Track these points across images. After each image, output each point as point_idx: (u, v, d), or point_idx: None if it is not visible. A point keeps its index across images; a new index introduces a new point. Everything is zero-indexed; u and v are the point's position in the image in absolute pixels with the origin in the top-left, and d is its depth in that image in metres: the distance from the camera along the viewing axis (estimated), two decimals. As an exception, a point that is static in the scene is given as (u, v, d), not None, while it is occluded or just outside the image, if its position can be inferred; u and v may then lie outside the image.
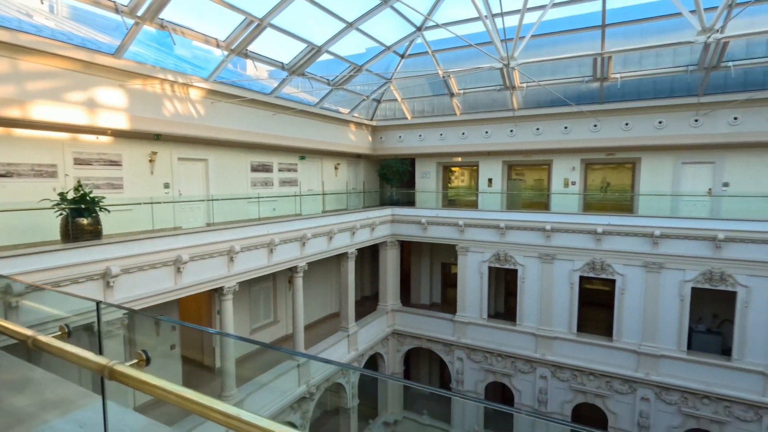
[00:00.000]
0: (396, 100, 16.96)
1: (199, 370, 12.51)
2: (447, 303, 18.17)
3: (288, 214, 13.28)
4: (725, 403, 11.87)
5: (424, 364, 18.82)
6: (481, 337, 15.26)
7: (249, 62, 11.72)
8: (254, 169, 13.37)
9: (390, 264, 16.68)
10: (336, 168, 17.28)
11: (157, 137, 9.87)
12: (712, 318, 13.27)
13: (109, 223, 8.03)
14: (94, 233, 7.26)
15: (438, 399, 18.17)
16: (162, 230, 9.31)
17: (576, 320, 13.83)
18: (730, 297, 12.00)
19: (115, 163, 9.39)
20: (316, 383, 12.51)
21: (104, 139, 9.25)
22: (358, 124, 17.13)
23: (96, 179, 9.00)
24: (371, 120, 17.82)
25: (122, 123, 8.65)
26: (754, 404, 11.54)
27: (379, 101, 17.59)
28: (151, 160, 9.98)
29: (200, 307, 12.53)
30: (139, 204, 9.17)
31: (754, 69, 12.01)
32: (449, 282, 18.34)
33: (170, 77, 9.39)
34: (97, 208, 7.36)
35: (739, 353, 11.85)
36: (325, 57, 12.59)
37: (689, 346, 12.55)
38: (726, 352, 12.33)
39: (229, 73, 12.91)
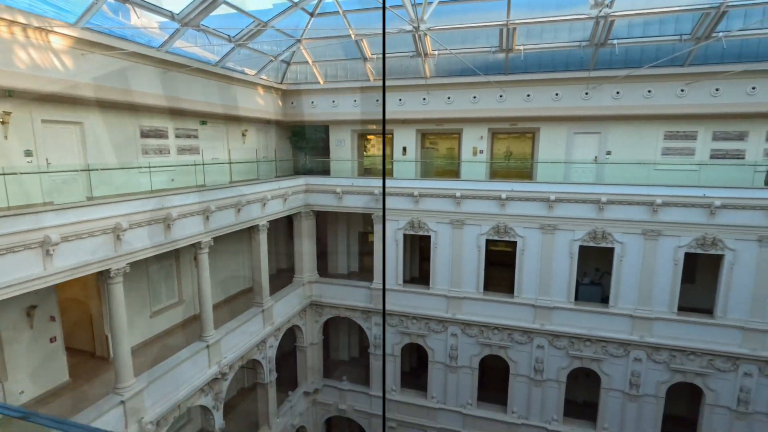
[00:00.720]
0: (307, 62, 16.03)
1: (90, 361, 11.21)
2: (364, 271, 18.33)
3: (189, 186, 12.08)
4: (603, 343, 13.73)
5: (343, 333, 19.04)
6: (398, 302, 15.72)
7: (132, 9, 10.09)
8: (145, 134, 11.83)
9: (305, 235, 16.24)
10: (243, 134, 16.06)
11: (8, 94, 8.13)
12: (594, 271, 15.08)
13: (-54, 199, 6.52)
14: None
15: (356, 364, 18.64)
16: (25, 207, 7.85)
17: (483, 280, 14.82)
18: (609, 252, 13.66)
19: (-49, 125, 7.58)
20: (229, 362, 11.95)
21: (-68, 94, 7.38)
22: (267, 88, 15.96)
23: (-76, 145, 7.20)
24: (281, 83, 16.72)
25: (-46, 74, 6.93)
26: (624, 342, 13.51)
27: (288, 63, 16.51)
28: (2, 122, 8.23)
29: (87, 293, 11.09)
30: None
31: (633, 48, 13.32)
32: (366, 250, 18.47)
33: (21, 19, 7.67)
34: (-76, 181, 5.88)
35: (614, 300, 13.67)
36: (224, 10, 11.31)
37: (576, 298, 14.18)
38: (605, 300, 14.15)
39: (108, 21, 11.01)
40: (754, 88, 12.64)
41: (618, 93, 13.67)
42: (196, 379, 10.73)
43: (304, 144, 17.61)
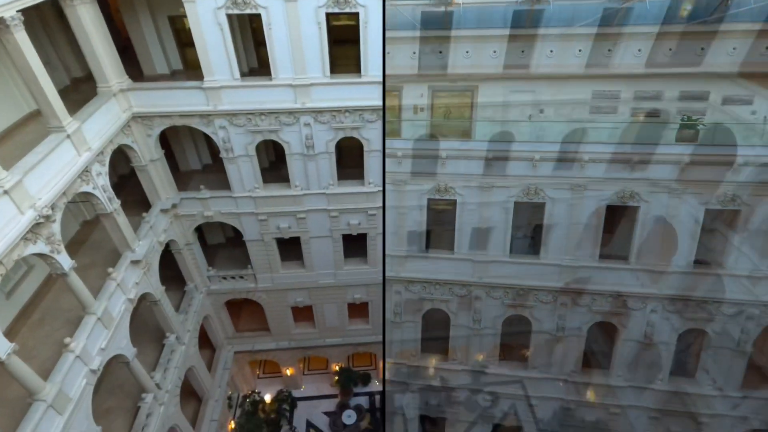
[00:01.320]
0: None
1: None
2: (190, 68, 15.77)
3: None
4: (534, 291, 14.80)
5: (188, 142, 17.65)
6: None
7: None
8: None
9: (91, 27, 11.95)
10: None
11: None
12: (527, 225, 15.95)
13: None
14: None
15: (211, 170, 17.86)
16: None
17: (424, 240, 15.16)
18: (540, 207, 14.41)
19: None
20: (48, 202, 9.78)
21: None
22: None
23: None
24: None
25: None
26: (553, 289, 14.65)
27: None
28: None
29: None
30: None
31: (566, 6, 13.51)
32: (186, 40, 15.18)
33: None
34: None
35: (545, 252, 14.62)
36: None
37: (510, 251, 14.98)
38: (536, 251, 15.10)
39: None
40: (670, 50, 13.46)
41: (551, 52, 13.95)
42: (7, 233, 8.75)
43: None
